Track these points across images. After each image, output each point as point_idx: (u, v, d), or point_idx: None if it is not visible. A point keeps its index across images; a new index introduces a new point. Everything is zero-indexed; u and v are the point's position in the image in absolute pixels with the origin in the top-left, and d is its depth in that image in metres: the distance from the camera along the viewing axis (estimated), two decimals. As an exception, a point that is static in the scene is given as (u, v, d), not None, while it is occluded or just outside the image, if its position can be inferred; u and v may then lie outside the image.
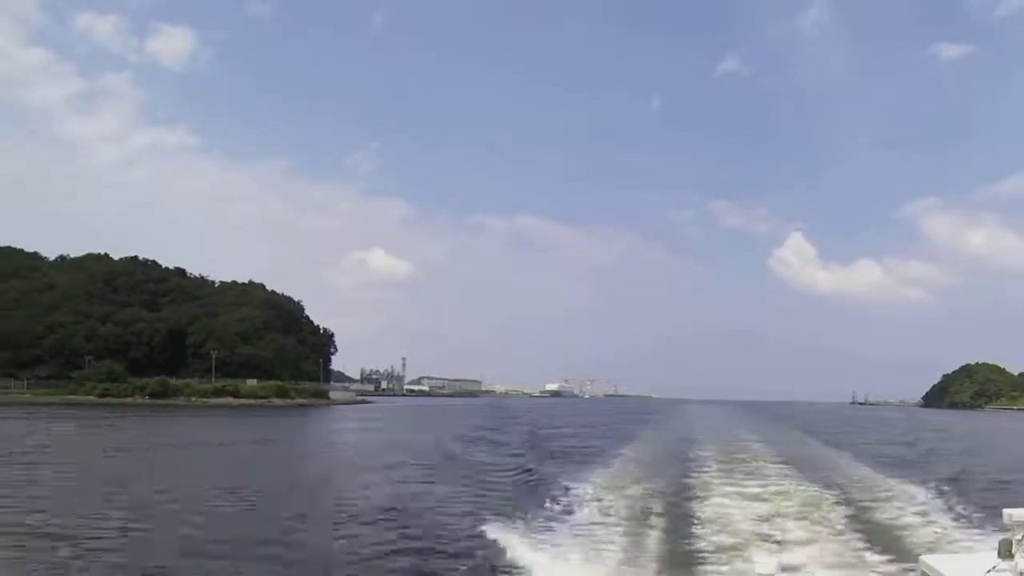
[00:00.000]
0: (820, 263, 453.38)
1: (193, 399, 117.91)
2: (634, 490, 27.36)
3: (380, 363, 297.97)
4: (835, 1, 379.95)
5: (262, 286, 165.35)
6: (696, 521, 21.97)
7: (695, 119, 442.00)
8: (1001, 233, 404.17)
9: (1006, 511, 7.72)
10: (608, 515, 22.60)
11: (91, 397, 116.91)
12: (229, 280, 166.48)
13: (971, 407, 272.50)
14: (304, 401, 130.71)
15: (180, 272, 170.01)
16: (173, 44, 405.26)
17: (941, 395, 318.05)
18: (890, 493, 28.15)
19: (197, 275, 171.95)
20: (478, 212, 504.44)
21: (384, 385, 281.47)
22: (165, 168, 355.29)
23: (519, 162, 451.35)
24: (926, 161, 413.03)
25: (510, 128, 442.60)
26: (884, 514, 23.82)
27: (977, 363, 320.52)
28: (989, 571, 7.35)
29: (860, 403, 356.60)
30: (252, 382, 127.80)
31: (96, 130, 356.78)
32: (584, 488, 27.68)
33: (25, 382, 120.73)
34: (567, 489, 27.07)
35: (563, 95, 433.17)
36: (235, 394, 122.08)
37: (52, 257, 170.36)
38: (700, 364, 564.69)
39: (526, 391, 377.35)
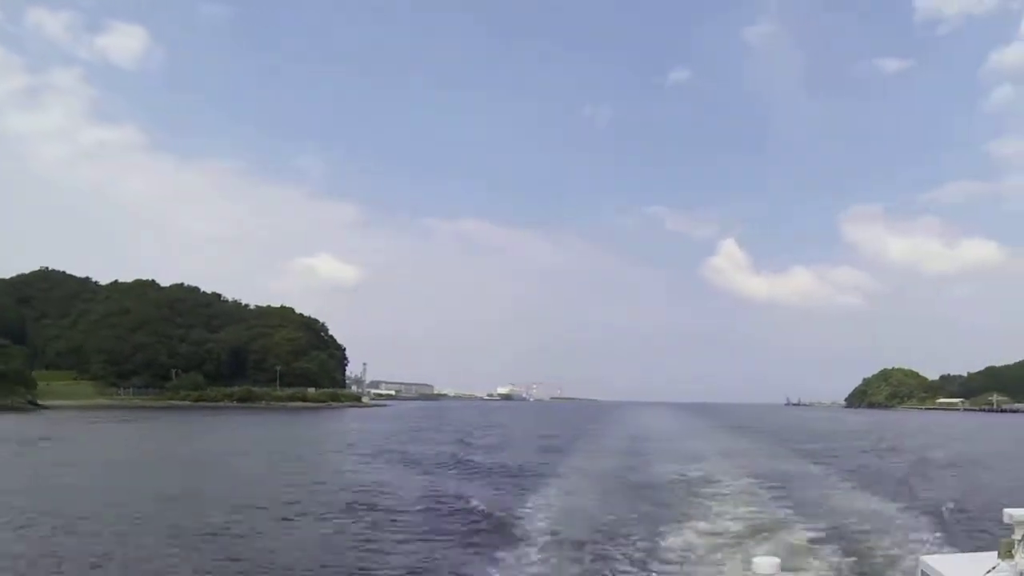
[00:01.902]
0: (757, 269, 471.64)
1: (272, 403, 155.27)
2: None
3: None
4: (782, 16, 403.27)
5: (292, 310, 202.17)
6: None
7: (644, 127, 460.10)
8: (929, 241, 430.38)
9: (1006, 511, 7.67)
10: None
11: (187, 402, 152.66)
12: (264, 304, 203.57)
13: (886, 407, 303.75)
14: (348, 404, 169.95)
15: (216, 296, 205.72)
16: (125, 42, 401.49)
17: (861, 396, 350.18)
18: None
19: (231, 299, 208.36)
20: (426, 216, 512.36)
21: (353, 390, 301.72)
22: (113, 167, 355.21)
23: (466, 165, 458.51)
24: (864, 171, 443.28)
25: (457, 130, 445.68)
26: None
27: (894, 368, 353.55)
28: (989, 571, 7.35)
29: (794, 404, 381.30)
30: (312, 390, 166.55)
31: (42, 126, 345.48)
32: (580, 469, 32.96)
33: (132, 390, 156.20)
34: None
35: (514, 102, 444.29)
36: (303, 399, 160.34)
37: (102, 282, 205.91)
38: (642, 366, 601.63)
39: (477, 394, 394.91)
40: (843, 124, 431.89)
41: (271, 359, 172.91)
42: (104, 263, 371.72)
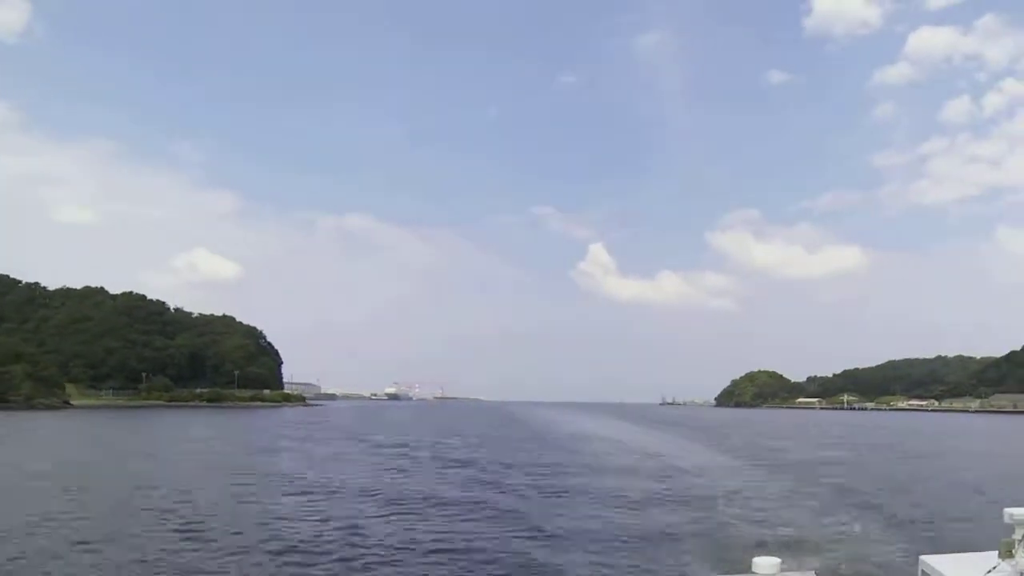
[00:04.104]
0: (635, 272, 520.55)
1: (238, 403, 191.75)
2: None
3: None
4: (674, 25, 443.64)
5: (232, 318, 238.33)
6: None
7: (532, 128, 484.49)
8: (803, 248, 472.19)
9: (1006, 511, 7.88)
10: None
11: (160, 402, 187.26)
12: (208, 313, 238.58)
13: (751, 406, 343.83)
14: (297, 404, 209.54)
15: (162, 303, 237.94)
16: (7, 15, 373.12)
17: (730, 396, 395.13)
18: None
19: (173, 308, 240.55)
20: (309, 209, 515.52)
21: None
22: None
23: (353, 161, 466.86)
24: (746, 179, 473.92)
25: (345, 125, 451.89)
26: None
27: (758, 370, 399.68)
28: (989, 571, 7.57)
29: (669, 403, 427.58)
30: (267, 392, 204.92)
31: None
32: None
33: (111, 392, 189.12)
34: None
35: (403, 99, 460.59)
36: (262, 399, 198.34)
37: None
38: (521, 367, 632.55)
39: (364, 394, 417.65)
40: (728, 133, 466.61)
41: (227, 364, 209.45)
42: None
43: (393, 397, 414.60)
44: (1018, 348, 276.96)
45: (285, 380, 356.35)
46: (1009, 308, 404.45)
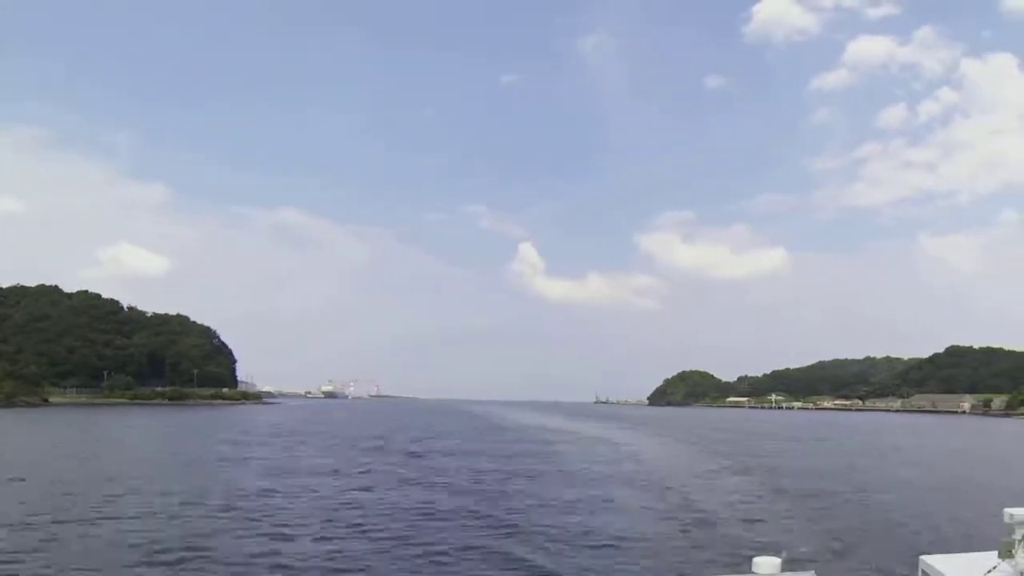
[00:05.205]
0: (567, 271, 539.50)
1: (199, 401, 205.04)
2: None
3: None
4: (615, 29, 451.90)
5: (187, 318, 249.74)
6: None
7: (467, 126, 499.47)
8: (727, 252, 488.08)
9: (1006, 511, 8.02)
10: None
11: (123, 400, 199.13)
12: (162, 312, 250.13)
13: (683, 405, 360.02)
14: (253, 401, 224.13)
15: (115, 302, 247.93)
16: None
17: (662, 395, 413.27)
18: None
19: (127, 307, 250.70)
20: (241, 203, 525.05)
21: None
22: None
23: (285, 154, 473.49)
24: (682, 180, 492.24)
25: (276, 118, 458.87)
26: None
27: (691, 370, 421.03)
28: (989, 571, 7.69)
29: (603, 402, 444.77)
30: (225, 390, 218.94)
31: None
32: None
33: (75, 390, 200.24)
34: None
35: (337, 97, 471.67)
36: (222, 397, 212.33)
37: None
38: (459, 365, 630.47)
39: (299, 392, 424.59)
40: (666, 135, 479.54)
41: (185, 363, 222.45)
42: None
43: (330, 395, 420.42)
44: (941, 351, 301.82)
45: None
46: (939, 309, 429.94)
